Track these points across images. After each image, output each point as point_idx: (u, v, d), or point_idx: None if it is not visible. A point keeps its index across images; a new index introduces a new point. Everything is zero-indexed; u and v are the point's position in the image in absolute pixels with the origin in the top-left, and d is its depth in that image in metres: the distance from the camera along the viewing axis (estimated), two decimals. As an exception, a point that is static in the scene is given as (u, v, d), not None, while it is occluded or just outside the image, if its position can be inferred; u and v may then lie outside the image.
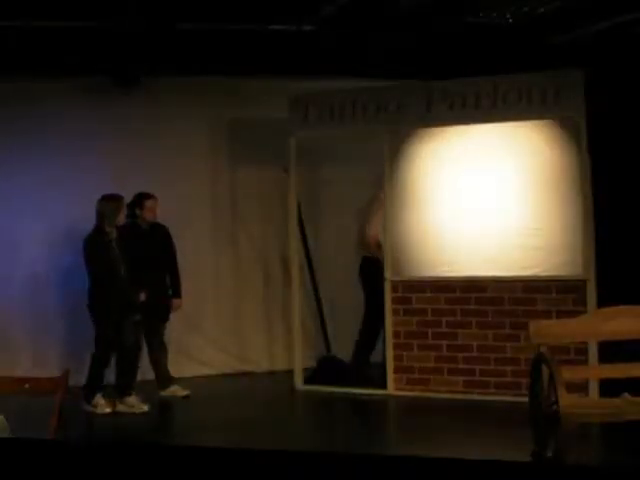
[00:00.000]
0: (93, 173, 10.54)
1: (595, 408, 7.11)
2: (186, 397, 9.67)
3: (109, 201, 9.25)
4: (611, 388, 7.29)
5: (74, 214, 10.47)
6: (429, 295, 9.58)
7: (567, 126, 9.15)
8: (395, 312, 9.70)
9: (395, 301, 9.70)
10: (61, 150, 10.47)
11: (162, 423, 9.06)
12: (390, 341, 9.71)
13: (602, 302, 8.48)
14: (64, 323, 10.44)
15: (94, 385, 9.04)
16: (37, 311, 10.35)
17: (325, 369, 10.54)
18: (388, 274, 9.74)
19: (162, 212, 10.55)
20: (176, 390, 9.74)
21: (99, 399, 8.99)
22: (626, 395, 6.82)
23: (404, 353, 9.68)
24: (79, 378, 8.95)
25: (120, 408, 9.04)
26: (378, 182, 9.89)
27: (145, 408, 9.05)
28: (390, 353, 9.71)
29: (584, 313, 8.31)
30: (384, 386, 9.72)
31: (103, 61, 9.93)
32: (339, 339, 11.17)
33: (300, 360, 10.22)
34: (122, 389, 9.12)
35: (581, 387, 8.54)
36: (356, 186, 11.09)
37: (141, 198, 9.70)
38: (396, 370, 9.69)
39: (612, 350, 7.43)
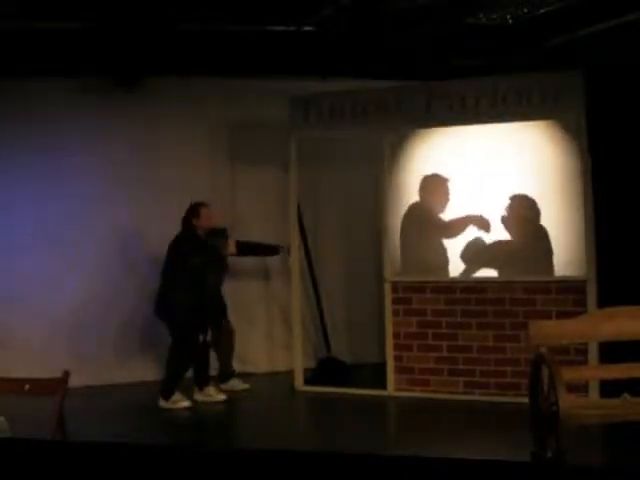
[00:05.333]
0: (93, 172, 10.55)
1: (595, 409, 7.10)
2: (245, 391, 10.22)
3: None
4: (611, 389, 7.29)
5: (74, 213, 10.48)
6: (429, 296, 9.58)
7: (567, 126, 9.15)
8: (395, 313, 9.69)
9: (395, 302, 9.70)
10: (61, 149, 10.47)
11: (162, 426, 9.05)
12: (390, 342, 9.71)
13: (602, 302, 8.48)
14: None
15: (175, 383, 9.42)
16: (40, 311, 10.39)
17: (325, 370, 10.55)
18: (388, 275, 9.73)
19: (163, 214, 10.57)
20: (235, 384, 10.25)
21: (177, 395, 9.38)
22: (626, 396, 6.82)
23: (404, 354, 9.67)
24: (79, 379, 8.95)
25: (199, 398, 9.59)
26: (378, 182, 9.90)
27: (223, 397, 9.69)
28: (390, 354, 9.71)
29: (584, 313, 8.29)
30: (384, 387, 9.72)
31: (103, 61, 9.93)
32: (339, 339, 11.19)
33: (300, 361, 10.21)
34: (202, 381, 9.66)
35: (581, 388, 8.54)
36: (356, 186, 11.11)
37: (197, 207, 9.74)
38: (396, 371, 9.68)
39: (612, 351, 7.42)
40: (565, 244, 9.20)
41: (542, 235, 9.28)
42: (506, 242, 9.45)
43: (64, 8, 8.86)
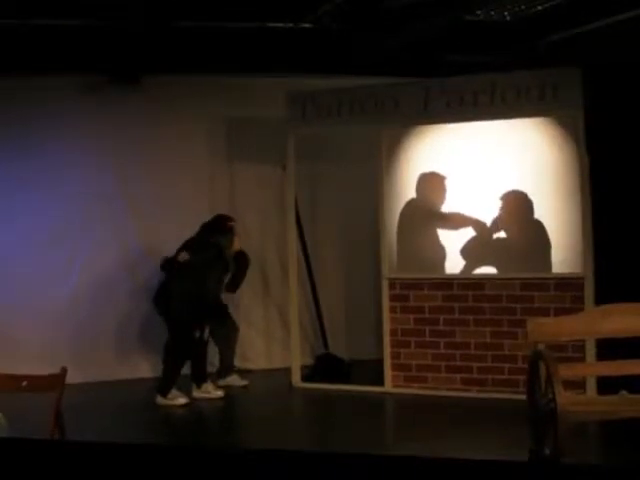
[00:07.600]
0: (92, 171, 10.55)
1: (593, 405, 7.10)
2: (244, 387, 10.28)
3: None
4: (609, 385, 7.30)
5: (73, 211, 10.47)
6: (426, 292, 9.58)
7: (565, 124, 9.15)
8: (392, 310, 9.70)
9: (392, 299, 9.70)
10: (60, 148, 10.47)
11: (161, 423, 9.05)
12: (387, 339, 9.72)
13: (600, 299, 8.49)
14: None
15: (173, 380, 9.44)
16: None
17: (323, 366, 10.55)
18: (385, 272, 9.74)
19: (162, 212, 10.58)
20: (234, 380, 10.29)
21: (175, 392, 9.41)
22: (624, 392, 6.83)
23: (401, 350, 9.68)
24: (77, 375, 8.96)
25: (196, 395, 9.60)
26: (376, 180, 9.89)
27: (221, 394, 9.69)
28: (387, 351, 9.71)
29: (582, 310, 8.31)
30: (382, 383, 9.73)
31: (102, 60, 9.92)
32: (336, 336, 11.19)
33: (298, 358, 10.22)
34: (199, 377, 9.68)
35: (579, 384, 8.55)
36: (354, 183, 11.11)
37: (221, 220, 9.87)
38: (393, 367, 9.69)
39: (610, 347, 7.43)
40: (563, 241, 9.19)
41: (538, 229, 9.28)
42: (504, 239, 9.46)
43: (63, 6, 8.85)
